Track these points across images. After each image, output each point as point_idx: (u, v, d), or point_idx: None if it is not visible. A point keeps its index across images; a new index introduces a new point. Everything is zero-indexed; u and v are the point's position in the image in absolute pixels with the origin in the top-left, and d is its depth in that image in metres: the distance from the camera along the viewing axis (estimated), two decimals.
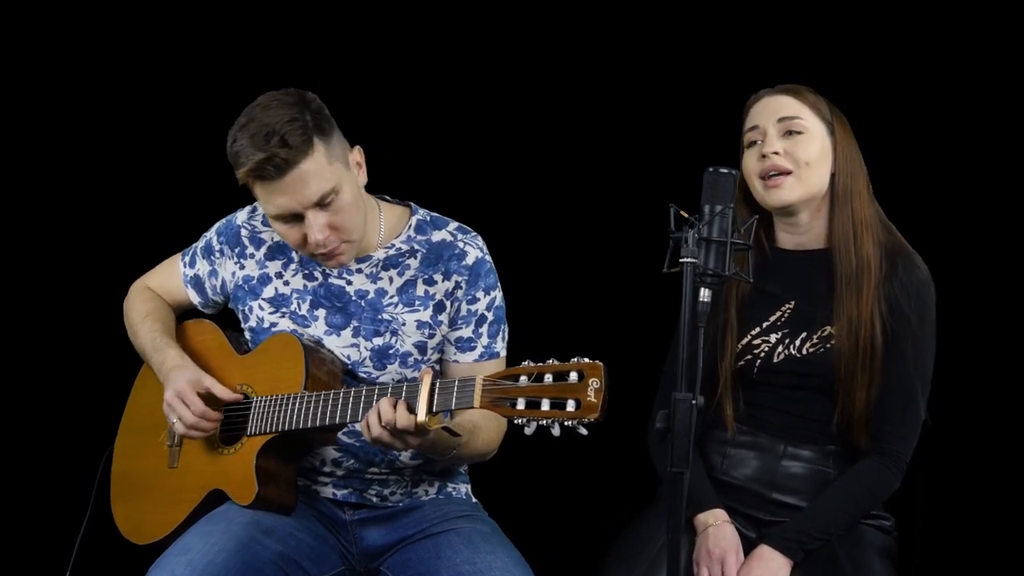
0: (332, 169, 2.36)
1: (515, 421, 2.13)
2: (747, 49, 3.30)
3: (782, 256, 2.63)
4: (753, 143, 2.57)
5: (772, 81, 2.63)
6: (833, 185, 2.56)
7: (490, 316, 2.55)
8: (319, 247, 2.39)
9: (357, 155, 2.47)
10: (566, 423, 2.08)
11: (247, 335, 2.62)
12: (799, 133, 2.54)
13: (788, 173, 2.52)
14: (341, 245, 2.42)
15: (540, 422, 2.10)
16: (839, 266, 2.53)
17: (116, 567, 2.72)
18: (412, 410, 2.23)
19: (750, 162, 2.57)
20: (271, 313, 2.56)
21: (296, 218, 2.38)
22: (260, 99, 2.38)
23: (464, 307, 2.53)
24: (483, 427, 2.43)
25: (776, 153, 2.52)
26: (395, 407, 2.23)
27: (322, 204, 2.36)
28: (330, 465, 2.54)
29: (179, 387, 2.46)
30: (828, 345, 2.53)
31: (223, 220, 2.65)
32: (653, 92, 3.39)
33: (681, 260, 2.12)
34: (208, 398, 2.47)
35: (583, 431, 2.09)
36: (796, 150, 2.53)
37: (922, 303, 2.52)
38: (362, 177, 2.48)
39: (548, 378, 2.11)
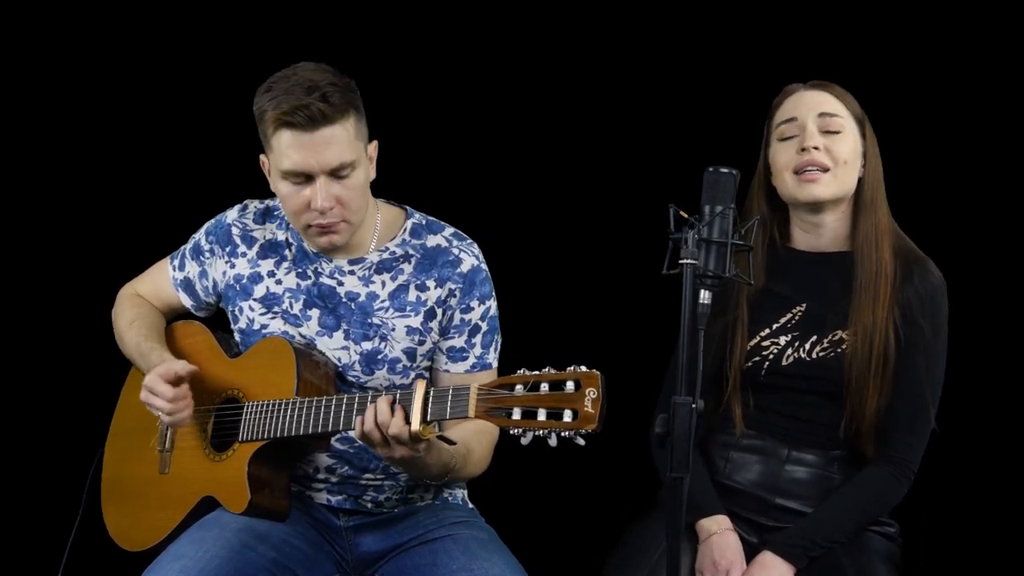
0: (356, 145, 2.38)
1: (511, 431, 2.11)
2: (747, 49, 3.28)
3: (795, 257, 2.61)
4: (788, 136, 2.54)
5: (772, 80, 2.61)
6: (860, 190, 2.55)
7: (484, 326, 2.53)
8: (320, 216, 2.38)
9: (372, 149, 2.47)
10: (563, 434, 2.07)
11: (237, 336, 2.60)
12: (837, 132, 2.52)
13: (826, 170, 2.50)
14: (340, 223, 2.40)
15: (536, 432, 2.08)
16: (860, 273, 2.51)
17: (107, 573, 2.71)
18: (407, 419, 2.20)
19: (785, 155, 2.54)
20: (262, 314, 2.54)
21: (306, 180, 2.37)
22: (301, 63, 2.39)
23: (457, 316, 2.51)
24: (475, 449, 2.42)
25: (816, 148, 2.50)
26: (392, 409, 2.21)
27: (336, 174, 2.36)
28: (324, 472, 2.52)
29: (147, 380, 2.43)
30: (839, 349, 2.51)
31: (212, 220, 2.63)
32: (652, 92, 3.37)
33: (681, 262, 2.10)
34: (177, 381, 2.42)
35: (580, 442, 2.07)
36: (835, 147, 2.51)
37: (935, 310, 2.51)
38: (372, 171, 2.47)
39: (544, 387, 2.09)
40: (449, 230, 2.56)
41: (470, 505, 2.66)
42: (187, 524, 2.46)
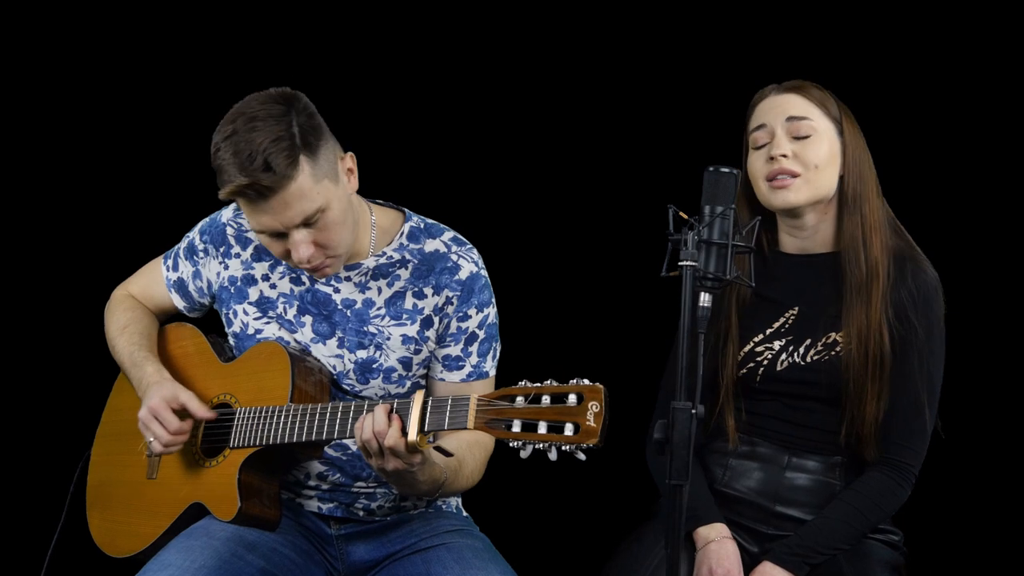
0: (319, 188, 2.29)
1: (510, 444, 2.09)
2: (746, 47, 3.28)
3: (785, 260, 2.59)
4: (760, 145, 2.53)
5: (772, 79, 2.60)
6: (842, 188, 2.53)
7: (481, 334, 2.50)
8: (302, 263, 2.34)
9: (349, 161, 2.40)
10: (564, 447, 2.05)
11: (231, 340, 2.58)
12: (807, 136, 2.49)
13: (796, 176, 2.48)
14: (327, 260, 2.37)
15: (536, 445, 2.06)
16: (848, 274, 2.49)
17: None
18: (404, 431, 2.18)
19: (757, 164, 2.53)
20: (256, 318, 2.52)
21: (280, 235, 2.33)
22: (247, 102, 2.29)
23: (454, 324, 2.48)
24: (468, 462, 2.39)
25: (784, 156, 2.48)
26: (389, 418, 2.19)
27: (307, 223, 2.31)
28: (315, 479, 2.50)
29: (152, 404, 2.41)
30: (833, 352, 2.49)
31: (207, 219, 2.60)
32: (651, 92, 3.36)
33: (680, 264, 2.08)
34: (183, 413, 2.43)
35: (581, 456, 2.05)
36: (805, 153, 2.49)
37: (929, 309, 2.48)
38: (352, 184, 2.41)
39: (546, 400, 2.06)
40: (448, 234, 2.53)
41: (464, 513, 2.63)
42: (174, 531, 2.43)
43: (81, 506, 2.64)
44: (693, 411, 2.05)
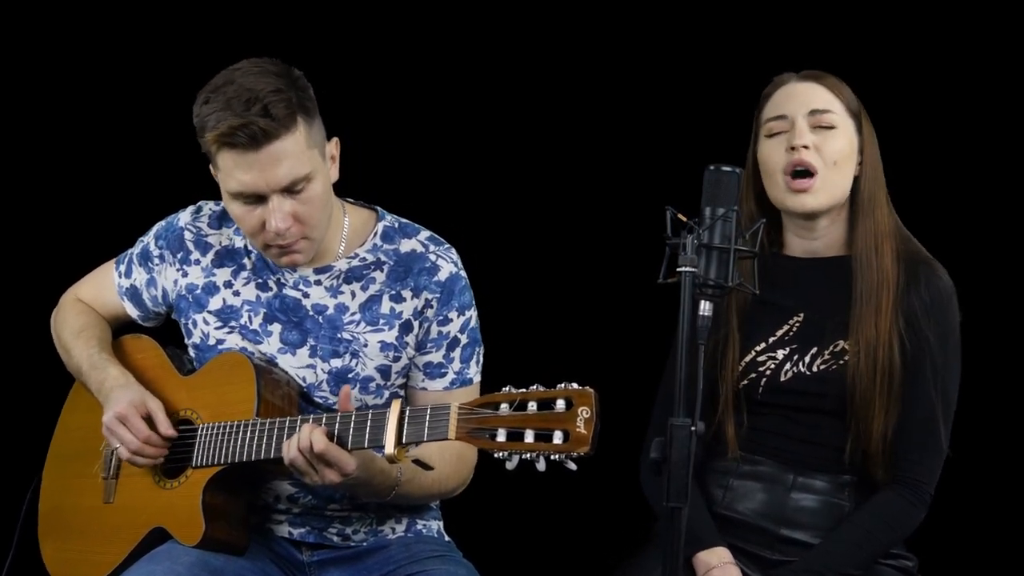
0: (309, 155, 2.31)
1: (495, 455, 2.06)
2: (746, 44, 3.28)
3: (790, 264, 2.58)
4: (777, 133, 2.52)
5: (774, 75, 2.59)
6: (857, 190, 2.52)
7: (463, 339, 2.48)
8: (278, 237, 2.32)
9: (333, 147, 2.41)
10: (552, 457, 2.02)
11: (191, 352, 2.55)
12: (830, 128, 2.50)
13: (814, 174, 2.47)
14: (300, 241, 2.35)
15: (523, 456, 2.04)
16: (859, 281, 2.48)
17: None
18: (343, 443, 2.19)
19: (775, 154, 2.52)
20: (217, 328, 2.49)
21: (258, 200, 2.31)
22: (241, 63, 2.32)
23: (435, 329, 2.46)
24: (436, 461, 2.34)
25: (806, 147, 2.48)
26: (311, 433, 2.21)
27: (291, 190, 2.30)
28: (285, 502, 2.47)
29: (120, 409, 2.39)
30: (841, 361, 2.47)
31: (162, 222, 2.58)
32: (648, 86, 3.37)
33: (679, 269, 2.06)
34: (150, 422, 2.41)
35: (572, 466, 2.03)
36: (826, 146, 2.49)
37: (943, 317, 2.48)
38: (334, 172, 2.42)
39: (532, 406, 2.04)
40: (424, 234, 2.52)
41: (446, 538, 2.61)
42: (135, 558, 2.41)
43: (33, 535, 2.61)
44: (692, 428, 2.02)
